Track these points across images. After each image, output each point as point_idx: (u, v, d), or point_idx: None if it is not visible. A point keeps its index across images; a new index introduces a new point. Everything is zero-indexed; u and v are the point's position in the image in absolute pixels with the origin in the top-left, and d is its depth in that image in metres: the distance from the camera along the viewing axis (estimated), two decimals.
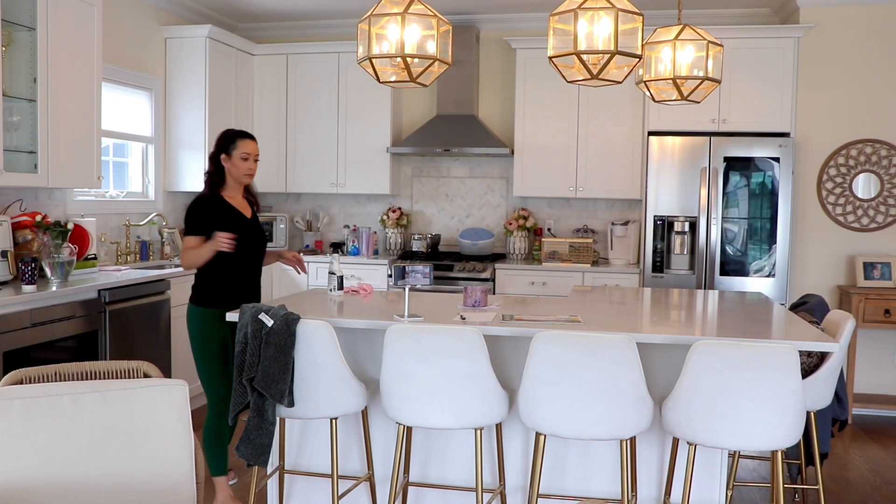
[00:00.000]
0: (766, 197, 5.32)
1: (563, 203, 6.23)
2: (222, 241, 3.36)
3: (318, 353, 2.78)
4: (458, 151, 5.95)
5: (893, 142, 5.39)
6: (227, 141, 3.55)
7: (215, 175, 3.56)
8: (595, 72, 2.91)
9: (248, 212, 3.64)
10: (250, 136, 3.61)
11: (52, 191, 4.64)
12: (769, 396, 2.47)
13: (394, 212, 6.35)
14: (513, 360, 3.09)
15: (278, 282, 6.08)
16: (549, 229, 6.24)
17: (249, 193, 3.71)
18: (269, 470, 3.29)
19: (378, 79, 3.12)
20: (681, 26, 3.51)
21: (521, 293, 5.62)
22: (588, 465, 3.10)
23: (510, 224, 6.10)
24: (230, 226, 3.46)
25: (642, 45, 2.97)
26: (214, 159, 3.56)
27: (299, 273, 3.87)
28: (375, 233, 6.30)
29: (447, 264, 5.74)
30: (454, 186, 6.44)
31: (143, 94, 5.63)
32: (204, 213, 3.49)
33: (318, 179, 6.33)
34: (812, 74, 5.44)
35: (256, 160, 3.61)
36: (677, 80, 3.51)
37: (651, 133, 5.51)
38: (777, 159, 5.27)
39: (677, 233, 5.40)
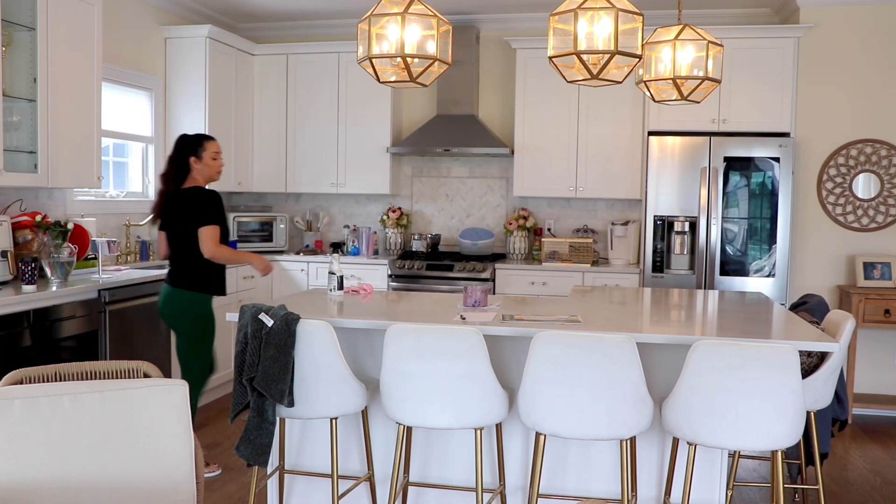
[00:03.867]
0: (766, 197, 5.33)
1: (563, 203, 6.23)
2: (268, 267, 4.03)
3: (318, 353, 2.78)
4: (458, 151, 5.95)
5: (893, 142, 5.40)
6: (196, 144, 3.95)
7: (178, 177, 3.92)
8: (595, 72, 2.91)
9: None
10: (212, 138, 4.05)
11: (52, 191, 4.64)
12: (769, 396, 2.47)
13: (394, 212, 6.35)
14: (513, 360, 3.09)
15: (278, 282, 6.09)
16: (549, 229, 6.24)
17: None
18: (269, 470, 3.29)
19: (378, 79, 3.12)
20: (681, 26, 3.51)
21: (521, 293, 5.62)
22: (588, 465, 3.10)
23: (510, 224, 6.10)
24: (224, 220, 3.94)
25: (642, 45, 2.97)
26: (178, 162, 3.92)
27: None
28: (375, 233, 6.30)
29: (447, 264, 5.74)
30: (454, 186, 6.44)
31: (143, 93, 5.63)
32: (220, 205, 3.88)
33: (318, 179, 6.33)
34: (812, 74, 5.44)
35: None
36: (677, 80, 3.51)
37: (651, 133, 5.51)
38: (777, 159, 5.27)
39: (677, 233, 5.41)
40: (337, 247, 6.33)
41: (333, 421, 2.87)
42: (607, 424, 2.59)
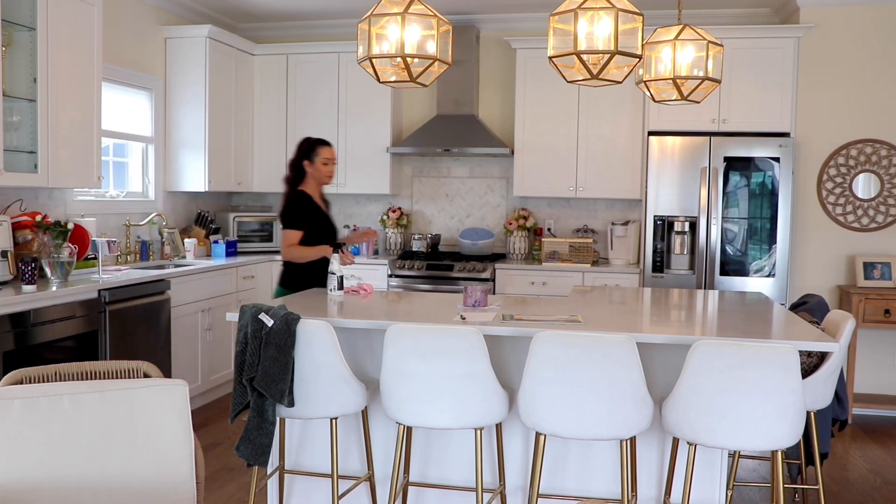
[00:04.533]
0: (766, 197, 5.33)
1: (563, 203, 6.23)
2: (330, 254, 3.93)
3: (318, 353, 2.78)
4: (458, 151, 5.95)
5: (893, 142, 5.39)
6: (309, 148, 4.09)
7: (295, 179, 4.08)
8: (595, 72, 2.91)
9: (324, 206, 4.20)
10: (328, 143, 4.16)
11: (52, 191, 4.64)
12: (769, 396, 2.47)
13: (394, 212, 6.35)
14: (513, 360, 3.09)
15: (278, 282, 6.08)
16: (549, 229, 6.24)
17: (321, 194, 4.24)
18: (269, 470, 3.29)
19: (378, 79, 3.12)
20: (681, 26, 3.50)
21: (521, 293, 5.62)
22: (588, 465, 3.10)
23: (510, 224, 6.10)
24: (318, 221, 4.06)
25: (642, 45, 2.97)
26: (295, 165, 4.07)
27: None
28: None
29: (447, 264, 5.74)
30: (454, 186, 6.44)
31: (143, 94, 5.63)
32: (304, 209, 4.01)
33: None
34: (812, 74, 5.44)
35: (335, 163, 4.16)
36: (677, 80, 3.51)
37: (651, 133, 5.51)
38: (777, 159, 5.27)
39: (677, 233, 5.40)
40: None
41: (333, 421, 2.87)
42: (607, 424, 2.59)
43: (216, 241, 5.95)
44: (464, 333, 2.65)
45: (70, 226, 4.31)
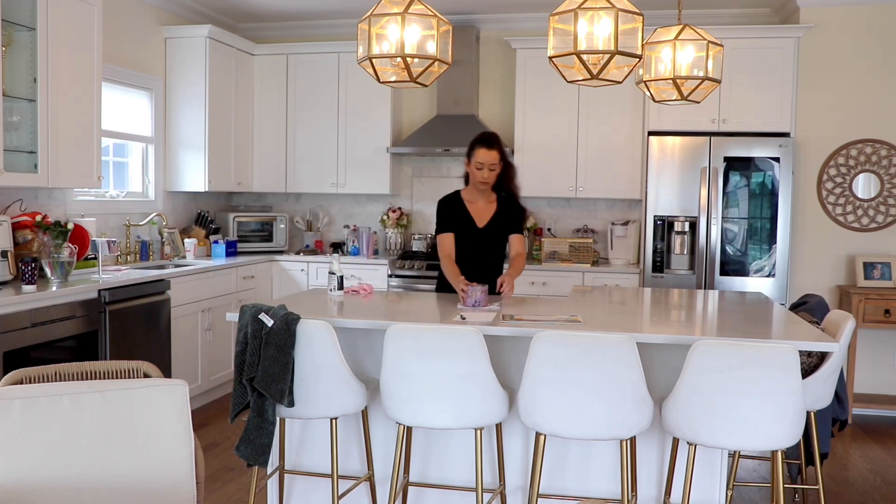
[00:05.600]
0: (766, 197, 5.33)
1: (563, 203, 6.23)
2: (462, 291, 3.44)
3: (318, 353, 2.78)
4: (458, 151, 5.94)
5: (893, 142, 5.40)
6: (469, 148, 3.73)
7: (466, 179, 3.88)
8: (595, 72, 2.91)
9: (482, 217, 3.82)
10: (487, 144, 3.68)
11: (52, 191, 4.64)
12: (769, 396, 2.47)
13: (394, 212, 6.35)
14: (513, 360, 3.09)
15: (278, 282, 6.09)
16: (549, 229, 6.24)
17: (506, 199, 3.85)
18: (269, 470, 3.29)
19: (378, 79, 3.11)
20: (681, 26, 3.50)
21: (521, 293, 5.61)
22: (588, 465, 3.10)
23: None
24: (457, 227, 3.79)
25: (642, 45, 2.96)
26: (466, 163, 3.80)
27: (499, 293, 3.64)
28: (375, 233, 6.30)
29: None
30: (454, 186, 6.38)
31: (143, 94, 5.63)
32: (442, 212, 3.84)
33: (318, 179, 6.33)
34: (812, 74, 5.44)
35: (492, 169, 3.69)
36: (677, 80, 3.50)
37: (651, 133, 5.51)
38: (777, 159, 5.27)
39: (677, 233, 5.40)
40: (337, 247, 6.33)
41: (333, 421, 2.87)
42: (607, 424, 2.59)
43: (216, 241, 5.95)
44: (464, 333, 2.65)
45: (70, 226, 4.31)
